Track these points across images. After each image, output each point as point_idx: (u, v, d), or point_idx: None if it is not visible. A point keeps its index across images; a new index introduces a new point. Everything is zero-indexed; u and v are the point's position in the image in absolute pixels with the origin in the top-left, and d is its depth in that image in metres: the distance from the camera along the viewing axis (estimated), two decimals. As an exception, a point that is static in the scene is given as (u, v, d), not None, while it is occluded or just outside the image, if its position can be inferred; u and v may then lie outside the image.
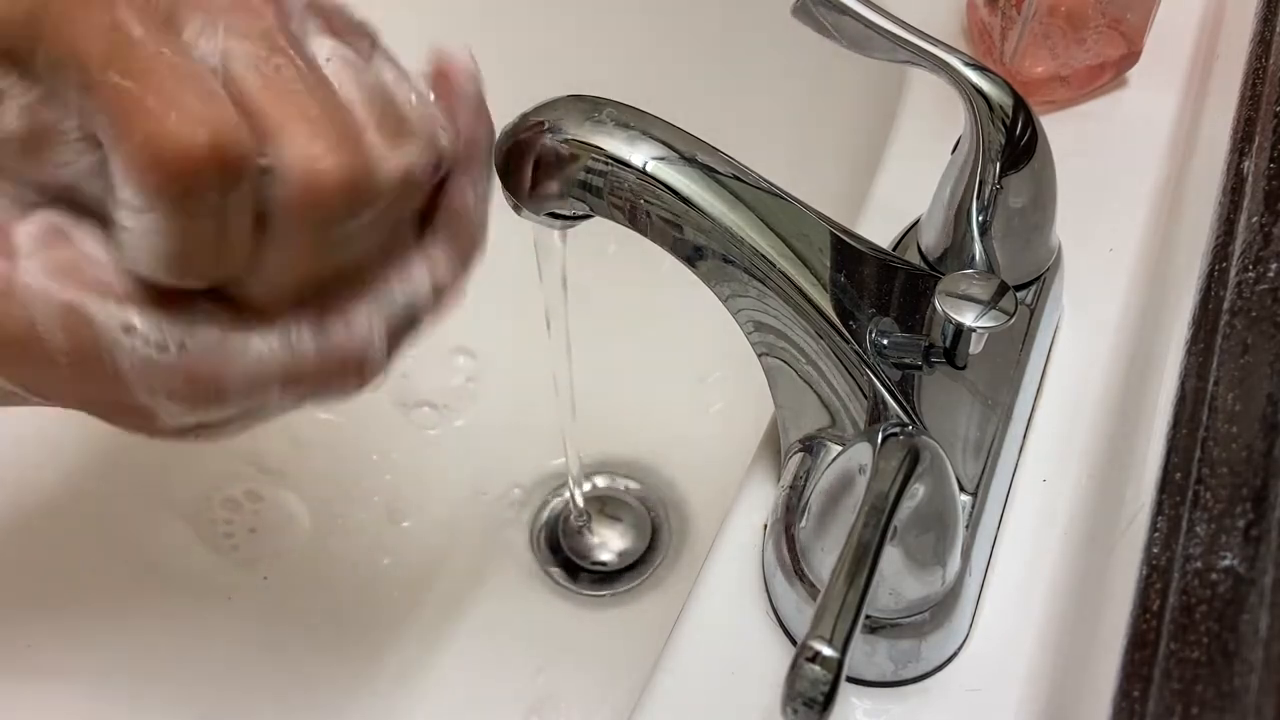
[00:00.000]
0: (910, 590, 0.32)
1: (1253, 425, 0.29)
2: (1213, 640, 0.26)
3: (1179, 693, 0.26)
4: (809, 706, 0.25)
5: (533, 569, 0.54)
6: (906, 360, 0.34)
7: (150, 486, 0.52)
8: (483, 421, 0.58)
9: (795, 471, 0.35)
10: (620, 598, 0.54)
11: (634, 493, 0.57)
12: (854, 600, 0.26)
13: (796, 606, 0.34)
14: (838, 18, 0.35)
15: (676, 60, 0.60)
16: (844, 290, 0.33)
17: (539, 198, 0.33)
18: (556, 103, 0.32)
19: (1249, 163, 0.38)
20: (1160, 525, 0.31)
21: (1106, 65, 0.47)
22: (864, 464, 0.30)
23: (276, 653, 0.50)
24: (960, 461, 0.35)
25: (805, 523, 0.33)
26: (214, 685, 0.48)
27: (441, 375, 0.59)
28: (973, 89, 0.35)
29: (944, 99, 0.36)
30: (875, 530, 0.27)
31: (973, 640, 0.34)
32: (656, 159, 0.31)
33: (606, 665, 0.50)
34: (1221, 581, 0.27)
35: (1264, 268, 0.33)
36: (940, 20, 0.50)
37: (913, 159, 0.46)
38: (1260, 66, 0.42)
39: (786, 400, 0.35)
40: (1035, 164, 0.36)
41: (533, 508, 0.56)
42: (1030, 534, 0.36)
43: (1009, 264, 0.37)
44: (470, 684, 0.50)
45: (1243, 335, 0.32)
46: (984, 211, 0.36)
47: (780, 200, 0.33)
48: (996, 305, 0.32)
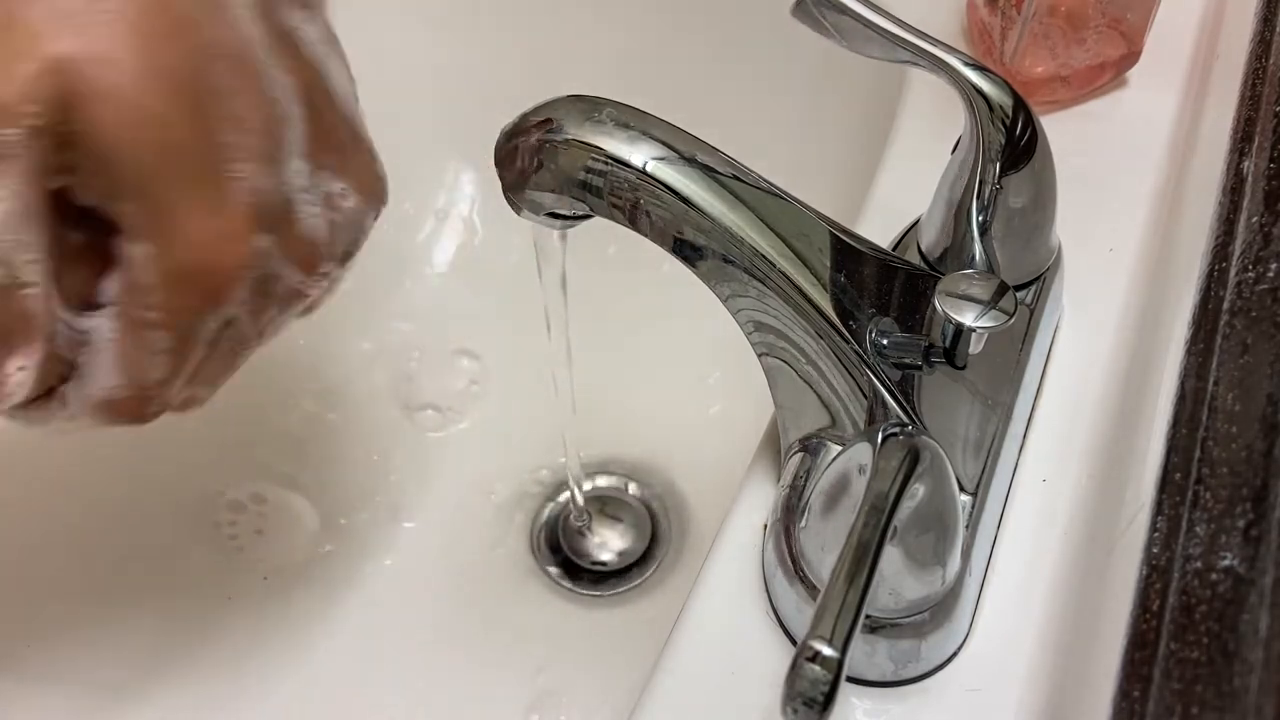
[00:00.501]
0: (910, 590, 0.32)
1: (1253, 425, 0.29)
2: (1213, 640, 0.26)
3: (1179, 693, 0.26)
4: (809, 706, 0.25)
5: (533, 569, 0.55)
6: (906, 360, 0.34)
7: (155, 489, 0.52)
8: (486, 424, 0.58)
9: (795, 471, 0.35)
10: (620, 598, 0.54)
11: (634, 493, 0.57)
12: (854, 600, 0.26)
13: (796, 606, 0.34)
14: (838, 18, 0.35)
15: (676, 60, 0.60)
16: (844, 290, 0.33)
17: (539, 198, 0.33)
18: (556, 103, 0.32)
19: (1249, 163, 0.38)
20: (1160, 525, 0.31)
21: (1106, 65, 0.47)
22: (864, 464, 0.30)
23: (277, 653, 0.50)
24: (960, 461, 0.35)
25: (805, 523, 0.33)
26: (214, 685, 0.48)
27: (445, 378, 0.59)
28: (973, 89, 0.35)
29: (944, 99, 0.36)
30: (875, 530, 0.27)
31: (973, 640, 0.34)
32: (656, 159, 0.31)
33: (606, 665, 0.50)
34: (1221, 581, 0.27)
35: (1264, 268, 0.33)
36: (940, 20, 0.50)
37: (913, 159, 0.46)
38: (1260, 66, 0.42)
39: (786, 400, 0.35)
40: (1035, 164, 0.36)
41: (533, 508, 0.57)
42: (1030, 534, 0.36)
43: (1009, 264, 0.37)
44: (470, 684, 0.50)
45: (1243, 335, 0.32)
46: (984, 211, 0.36)
47: (780, 200, 0.33)
48: (996, 305, 0.32)
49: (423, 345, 0.60)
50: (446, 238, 0.62)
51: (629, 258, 0.48)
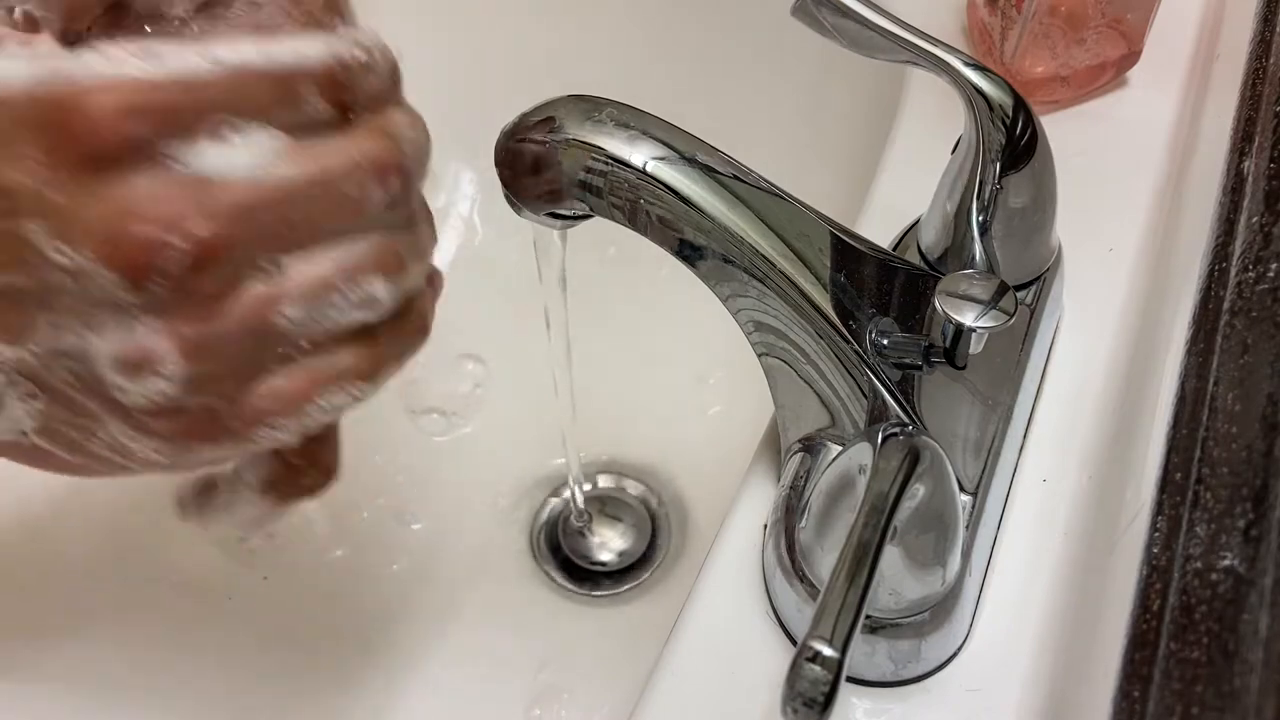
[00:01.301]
0: (910, 590, 0.32)
1: (1253, 425, 0.29)
2: (1213, 640, 0.26)
3: (1179, 693, 0.26)
4: (809, 706, 0.25)
5: (533, 569, 0.55)
6: (906, 360, 0.34)
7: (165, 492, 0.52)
8: (490, 428, 0.58)
9: (795, 472, 0.35)
10: (620, 598, 0.54)
11: (634, 493, 0.57)
12: (854, 600, 0.26)
13: (796, 606, 0.34)
14: (838, 18, 0.35)
15: (677, 60, 0.60)
16: (844, 290, 0.33)
17: (539, 198, 0.33)
18: (556, 103, 0.32)
19: (1249, 163, 0.38)
20: (1160, 525, 0.31)
21: (1106, 65, 0.47)
22: (864, 464, 0.30)
23: (278, 653, 0.50)
24: (960, 461, 0.35)
25: (805, 523, 0.33)
26: (215, 684, 0.48)
27: (450, 382, 0.59)
28: (973, 89, 0.35)
29: (944, 99, 0.36)
30: (875, 530, 0.27)
31: (973, 640, 0.34)
32: (656, 159, 0.31)
33: (606, 665, 0.50)
34: (1221, 581, 0.27)
35: (1264, 268, 0.33)
36: (940, 20, 0.50)
37: (913, 159, 0.46)
38: (1260, 66, 0.42)
39: (786, 400, 0.35)
40: (1035, 164, 0.36)
41: (533, 508, 0.57)
42: (1030, 534, 0.36)
43: (1009, 264, 0.37)
44: (470, 684, 0.50)
45: (1243, 335, 0.32)
46: (984, 211, 0.36)
47: (780, 200, 0.33)
48: (996, 305, 0.32)
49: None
50: (446, 238, 0.63)
51: (629, 258, 0.48)
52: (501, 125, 0.33)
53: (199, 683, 0.48)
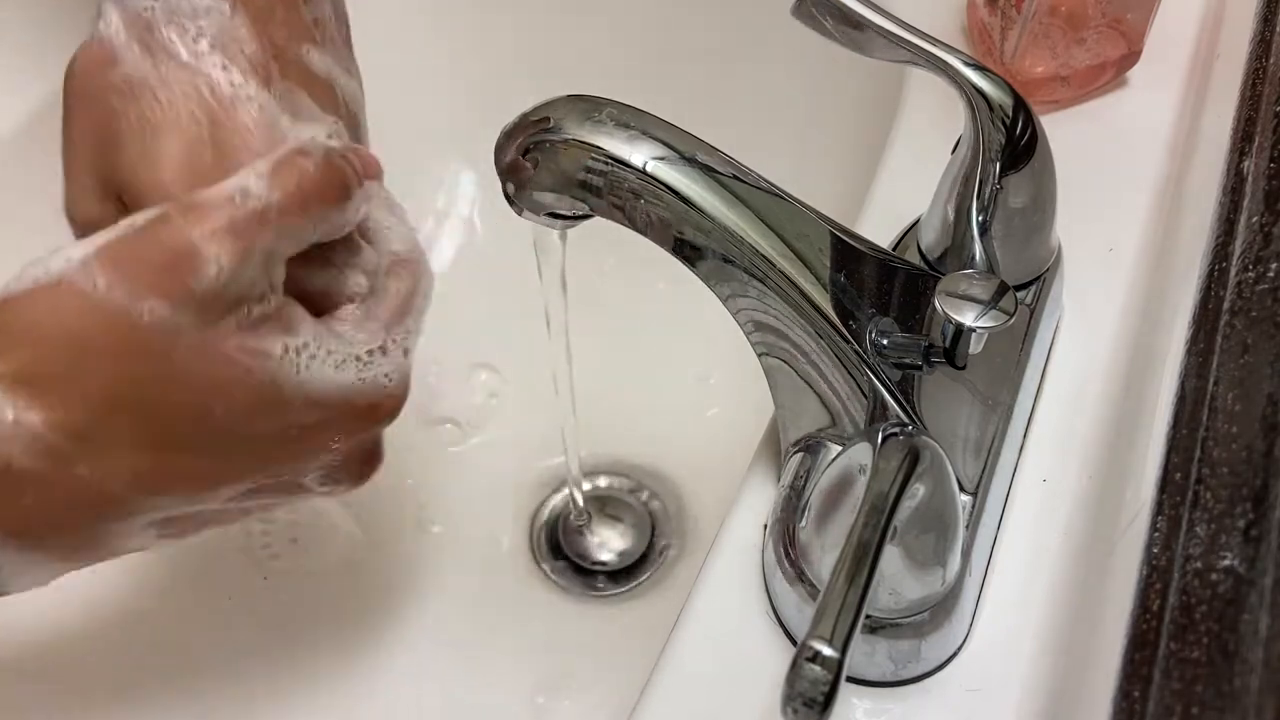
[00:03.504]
0: (910, 590, 0.32)
1: (1253, 425, 0.29)
2: (1213, 640, 0.26)
3: (1179, 693, 0.26)
4: (809, 706, 0.25)
5: (533, 569, 0.54)
6: (906, 360, 0.34)
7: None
8: (503, 437, 0.58)
9: (795, 471, 0.35)
10: (620, 598, 0.54)
11: (634, 493, 0.57)
12: (854, 600, 0.26)
13: (796, 606, 0.34)
14: (838, 18, 0.35)
15: (677, 60, 0.60)
16: (844, 290, 0.33)
17: (539, 198, 0.33)
18: (556, 103, 0.32)
19: (1249, 163, 0.38)
20: (1160, 525, 0.31)
21: (1106, 65, 0.47)
22: (864, 464, 0.30)
23: (279, 652, 0.50)
24: (960, 461, 0.35)
25: (805, 523, 0.33)
26: (215, 684, 0.48)
27: (464, 392, 0.59)
28: (973, 89, 0.35)
29: (944, 99, 0.36)
30: (875, 530, 0.27)
31: (973, 640, 0.34)
32: (656, 159, 0.31)
33: (606, 665, 0.50)
34: (1221, 581, 0.27)
35: (1264, 268, 0.33)
36: (940, 20, 0.50)
37: (913, 159, 0.46)
38: (1260, 66, 0.42)
39: (786, 400, 0.35)
40: (1035, 164, 0.36)
41: (533, 508, 0.56)
42: (1030, 534, 0.36)
43: (1009, 264, 0.37)
44: (470, 683, 0.50)
45: (1243, 335, 0.32)
46: (984, 211, 0.36)
47: (780, 200, 0.33)
48: (996, 305, 0.32)
49: (423, 345, 0.60)
50: (446, 238, 0.62)
51: (629, 259, 0.48)
52: (501, 125, 0.33)
53: (199, 682, 0.48)
